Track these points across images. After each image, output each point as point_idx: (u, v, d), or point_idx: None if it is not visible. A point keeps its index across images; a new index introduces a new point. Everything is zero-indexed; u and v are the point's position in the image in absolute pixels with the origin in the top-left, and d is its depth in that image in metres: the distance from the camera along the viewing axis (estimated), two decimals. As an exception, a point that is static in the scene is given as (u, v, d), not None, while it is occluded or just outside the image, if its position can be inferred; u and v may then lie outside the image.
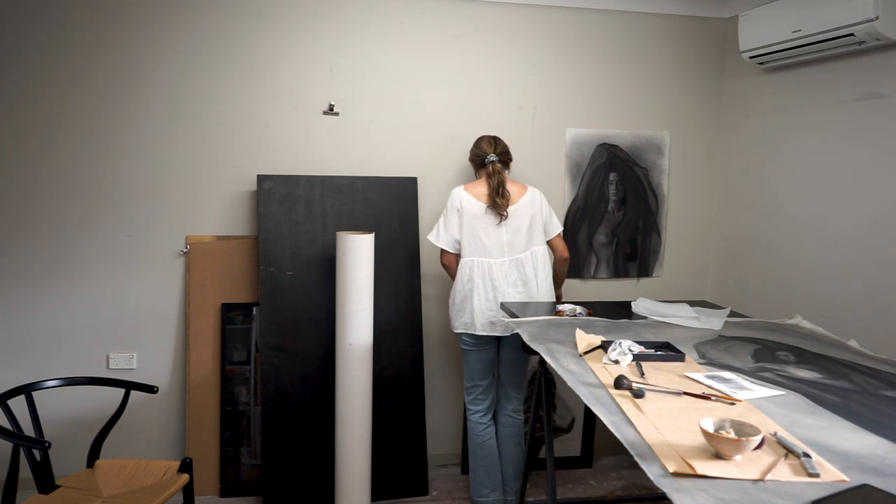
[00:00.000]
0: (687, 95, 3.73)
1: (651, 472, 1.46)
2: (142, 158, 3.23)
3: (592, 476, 3.59)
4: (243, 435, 3.32)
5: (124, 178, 3.23)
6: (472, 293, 2.98)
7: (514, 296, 3.01)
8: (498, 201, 2.99)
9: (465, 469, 3.61)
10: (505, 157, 3.10)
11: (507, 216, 3.00)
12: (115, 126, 3.19)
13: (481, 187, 3.04)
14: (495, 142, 3.12)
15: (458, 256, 3.05)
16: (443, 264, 3.12)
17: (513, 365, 3.13)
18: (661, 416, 1.75)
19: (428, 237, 3.08)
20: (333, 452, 3.12)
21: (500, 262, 3.01)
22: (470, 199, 3.03)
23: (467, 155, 3.41)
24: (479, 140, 3.15)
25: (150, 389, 2.70)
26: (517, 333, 2.66)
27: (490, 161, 3.04)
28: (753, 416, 1.76)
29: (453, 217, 3.03)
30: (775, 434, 1.64)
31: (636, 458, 1.52)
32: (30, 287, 3.19)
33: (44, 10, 3.08)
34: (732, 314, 2.98)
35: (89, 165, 3.19)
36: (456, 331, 3.06)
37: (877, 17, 2.55)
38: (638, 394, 1.88)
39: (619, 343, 2.25)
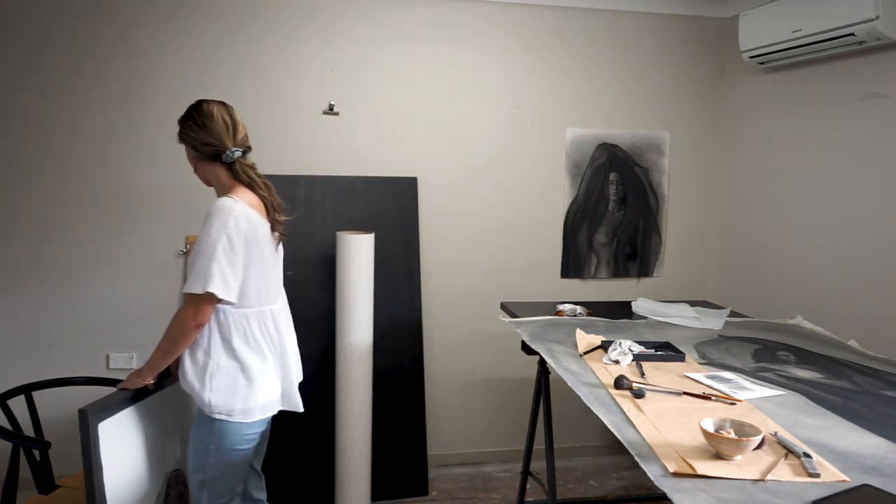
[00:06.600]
0: (687, 95, 3.72)
1: (651, 472, 1.46)
2: (142, 158, 3.23)
3: (592, 476, 3.59)
4: (243, 435, 3.31)
5: (124, 178, 3.22)
6: (286, 355, 2.12)
7: (297, 363, 2.22)
8: (278, 217, 2.11)
9: None
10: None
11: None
12: (115, 126, 3.19)
13: (248, 195, 2.04)
14: (236, 119, 2.10)
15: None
16: (196, 326, 1.96)
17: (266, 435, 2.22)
18: (662, 416, 1.75)
19: (210, 290, 1.88)
20: (333, 452, 3.12)
21: (280, 309, 2.17)
22: (255, 216, 2.01)
23: (467, 155, 3.39)
24: (211, 113, 2.05)
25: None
26: None
27: (237, 157, 2.05)
28: (754, 416, 1.76)
29: (239, 247, 1.94)
30: (775, 434, 1.64)
31: (636, 458, 1.52)
32: (30, 287, 3.18)
33: (38, 6, 3.08)
34: (732, 314, 2.98)
35: (89, 165, 3.18)
36: (250, 420, 1.99)
37: (877, 17, 2.55)
38: (638, 394, 1.88)
39: (620, 343, 2.26)
